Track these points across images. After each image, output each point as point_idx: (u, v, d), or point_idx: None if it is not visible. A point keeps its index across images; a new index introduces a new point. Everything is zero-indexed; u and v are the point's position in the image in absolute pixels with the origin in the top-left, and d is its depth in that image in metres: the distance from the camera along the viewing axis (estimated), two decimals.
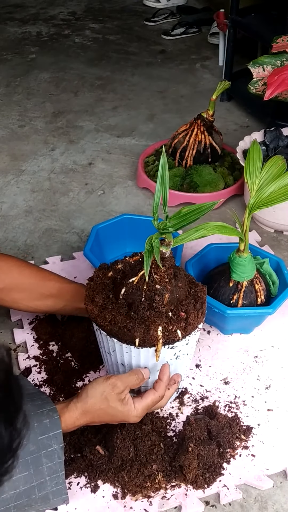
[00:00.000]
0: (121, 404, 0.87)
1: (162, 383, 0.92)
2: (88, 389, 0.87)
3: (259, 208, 1.07)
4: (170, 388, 0.95)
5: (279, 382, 1.10)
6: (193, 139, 1.59)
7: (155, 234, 0.86)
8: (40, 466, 0.79)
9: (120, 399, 0.87)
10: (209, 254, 1.25)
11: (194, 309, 0.93)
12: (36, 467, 0.79)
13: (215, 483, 0.92)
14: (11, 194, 1.67)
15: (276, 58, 1.49)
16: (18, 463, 0.75)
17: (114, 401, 0.87)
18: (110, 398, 0.86)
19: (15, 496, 0.77)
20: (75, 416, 0.86)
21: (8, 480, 0.60)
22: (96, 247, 1.28)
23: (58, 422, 0.82)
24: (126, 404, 0.88)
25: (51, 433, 0.81)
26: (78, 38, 2.77)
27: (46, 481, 0.80)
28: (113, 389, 0.87)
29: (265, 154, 1.54)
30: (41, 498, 0.80)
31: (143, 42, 2.73)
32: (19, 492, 0.77)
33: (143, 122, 2.06)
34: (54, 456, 0.80)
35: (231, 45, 2.10)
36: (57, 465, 0.81)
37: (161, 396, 0.92)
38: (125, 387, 0.88)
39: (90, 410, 0.86)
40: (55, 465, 0.81)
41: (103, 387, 0.87)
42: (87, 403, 0.86)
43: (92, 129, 2.01)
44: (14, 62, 2.52)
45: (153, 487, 0.91)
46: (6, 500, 0.77)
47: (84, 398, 0.86)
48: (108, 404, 0.86)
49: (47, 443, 0.80)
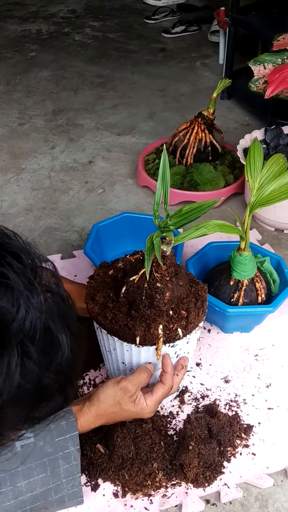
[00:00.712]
0: (134, 405, 0.87)
1: (168, 374, 0.91)
2: (100, 393, 0.86)
3: (260, 206, 1.06)
4: (179, 374, 0.94)
5: (279, 380, 1.10)
6: (194, 137, 1.59)
7: (156, 233, 0.85)
8: (57, 468, 0.79)
9: (132, 400, 0.87)
10: (210, 252, 1.25)
11: (195, 307, 0.92)
12: (53, 469, 0.79)
13: (216, 482, 0.92)
14: (11, 192, 1.67)
15: (277, 56, 1.48)
16: (36, 465, 0.76)
17: (127, 403, 0.87)
18: (123, 402, 0.86)
19: (32, 498, 0.77)
20: (90, 420, 0.86)
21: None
22: (96, 245, 1.28)
23: (75, 424, 0.82)
24: (138, 403, 0.88)
25: (67, 435, 0.80)
26: (78, 36, 2.76)
27: (62, 483, 0.80)
28: (124, 393, 0.86)
29: (265, 152, 1.54)
30: (57, 500, 0.80)
31: (143, 40, 2.72)
32: (36, 494, 0.77)
33: (143, 120, 2.05)
34: (70, 458, 0.80)
35: (231, 43, 2.10)
36: (74, 467, 0.81)
37: (170, 387, 0.92)
38: (137, 389, 0.88)
39: (104, 414, 0.86)
40: (72, 467, 0.80)
41: (115, 392, 0.86)
42: (100, 408, 0.86)
43: (92, 127, 2.01)
44: (14, 60, 2.52)
45: (153, 485, 0.91)
46: (24, 502, 0.77)
47: (97, 402, 0.86)
48: (121, 407, 0.87)
49: (64, 445, 0.80)
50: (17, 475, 0.76)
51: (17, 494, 0.76)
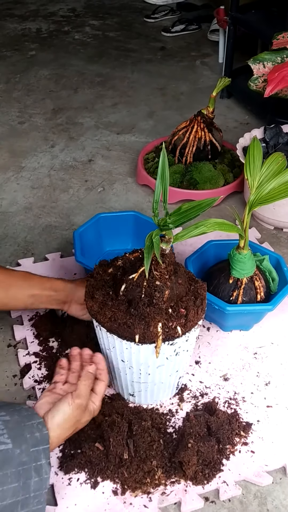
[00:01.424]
0: (88, 413, 0.90)
1: (104, 371, 0.95)
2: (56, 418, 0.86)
3: (259, 205, 1.07)
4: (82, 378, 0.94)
5: (278, 378, 1.10)
6: (193, 136, 1.59)
7: (155, 231, 0.86)
8: (28, 480, 0.78)
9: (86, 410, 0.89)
10: (209, 251, 1.25)
11: (194, 305, 0.93)
12: (25, 479, 0.78)
13: (215, 479, 0.93)
14: (11, 190, 1.67)
15: (276, 54, 1.48)
16: (11, 473, 0.75)
17: (84, 417, 0.90)
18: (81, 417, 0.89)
19: (0, 509, 0.76)
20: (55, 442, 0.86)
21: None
22: (94, 239, 1.29)
23: (47, 437, 0.82)
24: (92, 410, 0.91)
25: (41, 446, 0.80)
26: (78, 35, 2.76)
27: (30, 498, 0.78)
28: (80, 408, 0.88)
29: (265, 151, 1.54)
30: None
31: (143, 39, 2.72)
32: (4, 506, 0.76)
33: (143, 119, 2.05)
34: (41, 471, 0.80)
35: (231, 42, 2.10)
36: (44, 480, 0.80)
37: (108, 381, 0.95)
38: (87, 399, 0.90)
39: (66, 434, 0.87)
40: (42, 480, 0.79)
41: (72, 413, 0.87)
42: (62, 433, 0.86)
43: (92, 126, 2.01)
44: (14, 59, 2.52)
45: (152, 483, 0.91)
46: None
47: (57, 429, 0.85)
48: (80, 422, 0.89)
49: (37, 456, 0.80)
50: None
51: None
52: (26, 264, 1.36)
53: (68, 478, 0.92)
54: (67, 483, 0.91)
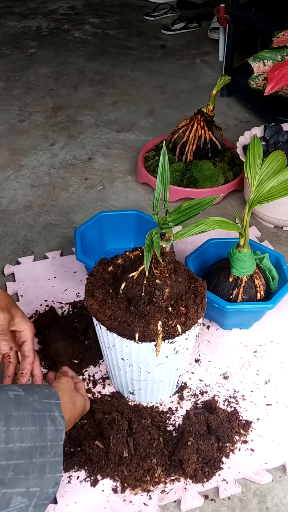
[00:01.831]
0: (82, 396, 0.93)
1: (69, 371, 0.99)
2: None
3: (259, 203, 1.07)
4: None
5: (278, 377, 1.10)
6: (193, 134, 1.59)
7: (155, 229, 0.86)
8: (45, 427, 0.78)
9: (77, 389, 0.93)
10: (209, 249, 1.25)
11: (194, 304, 0.93)
12: (41, 426, 0.78)
13: (214, 477, 0.93)
14: (11, 188, 1.67)
15: (276, 52, 1.48)
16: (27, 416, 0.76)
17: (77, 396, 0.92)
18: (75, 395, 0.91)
19: (20, 452, 0.75)
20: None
21: None
22: (96, 236, 1.29)
23: (57, 394, 0.83)
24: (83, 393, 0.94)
25: (52, 400, 0.81)
26: (78, 33, 2.76)
27: (47, 447, 0.78)
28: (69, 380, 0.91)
29: (265, 149, 1.54)
30: (39, 466, 0.77)
31: (143, 37, 2.72)
32: (23, 448, 0.75)
33: (143, 117, 2.05)
34: (56, 422, 0.80)
35: (231, 40, 2.10)
36: (59, 432, 0.80)
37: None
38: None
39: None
40: (57, 431, 0.80)
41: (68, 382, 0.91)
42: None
43: (92, 124, 2.01)
44: (14, 57, 2.51)
45: (152, 481, 0.91)
46: (12, 453, 0.74)
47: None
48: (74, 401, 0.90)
49: (50, 407, 0.80)
50: (11, 418, 0.75)
51: (9, 439, 0.74)
52: (26, 263, 1.36)
53: (68, 476, 0.92)
54: (67, 481, 0.92)
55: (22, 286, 1.29)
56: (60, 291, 1.27)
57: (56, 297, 1.26)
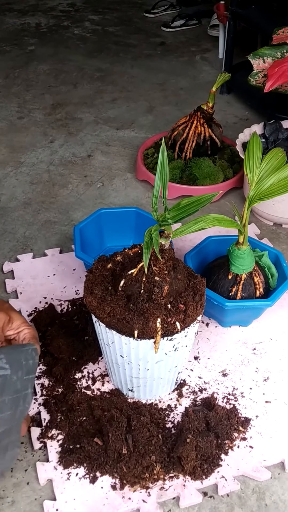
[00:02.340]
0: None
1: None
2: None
3: (258, 200, 1.06)
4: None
5: (277, 374, 1.10)
6: (193, 132, 1.59)
7: (155, 226, 0.85)
8: (17, 408, 0.76)
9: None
10: (208, 246, 1.25)
11: (193, 301, 0.93)
12: (16, 407, 0.76)
13: (213, 474, 0.93)
14: (10, 186, 1.67)
15: (276, 49, 1.48)
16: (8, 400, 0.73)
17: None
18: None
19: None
20: None
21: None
22: (95, 234, 1.29)
23: (36, 366, 0.81)
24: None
25: (31, 375, 0.79)
26: (78, 30, 2.75)
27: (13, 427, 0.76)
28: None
29: (264, 146, 1.54)
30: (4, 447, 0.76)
31: (143, 34, 2.71)
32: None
33: (143, 114, 2.05)
34: (26, 400, 0.78)
35: (231, 37, 2.09)
36: (25, 410, 0.78)
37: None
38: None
39: None
40: (25, 409, 0.78)
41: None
42: None
43: (91, 121, 2.01)
44: (13, 54, 2.51)
45: (151, 478, 0.91)
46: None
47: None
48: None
49: (27, 384, 0.78)
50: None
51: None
52: (25, 260, 1.36)
53: (67, 473, 0.92)
54: (66, 478, 0.92)
55: (21, 283, 1.29)
56: (59, 288, 1.27)
57: (55, 294, 1.26)
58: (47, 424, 0.99)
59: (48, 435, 0.97)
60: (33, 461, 0.95)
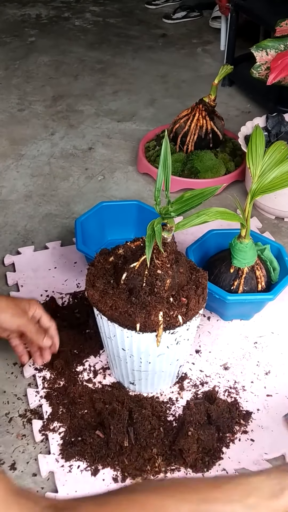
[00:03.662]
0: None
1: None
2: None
3: (261, 193, 1.06)
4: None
5: (278, 368, 1.10)
6: (195, 124, 1.58)
7: (157, 219, 0.85)
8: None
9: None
10: (210, 240, 1.25)
11: (195, 294, 0.93)
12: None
13: (214, 467, 0.93)
14: (11, 178, 1.66)
15: (279, 42, 1.47)
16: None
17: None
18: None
19: None
20: None
21: None
22: (96, 228, 1.29)
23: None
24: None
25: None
26: (78, 21, 2.73)
27: None
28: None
29: (267, 140, 1.53)
30: None
31: (144, 26, 2.70)
32: None
33: (144, 107, 2.04)
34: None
35: (233, 29, 2.08)
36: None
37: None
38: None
39: None
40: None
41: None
42: None
43: (92, 113, 2.00)
44: (13, 45, 2.49)
45: (152, 470, 0.92)
46: None
47: None
48: None
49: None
50: None
51: None
52: (26, 253, 1.36)
53: (69, 466, 0.92)
54: (68, 470, 0.92)
55: (22, 276, 1.28)
56: (60, 281, 1.27)
57: (57, 287, 1.25)
58: (48, 416, 0.99)
59: (49, 428, 0.97)
60: (35, 453, 0.95)
